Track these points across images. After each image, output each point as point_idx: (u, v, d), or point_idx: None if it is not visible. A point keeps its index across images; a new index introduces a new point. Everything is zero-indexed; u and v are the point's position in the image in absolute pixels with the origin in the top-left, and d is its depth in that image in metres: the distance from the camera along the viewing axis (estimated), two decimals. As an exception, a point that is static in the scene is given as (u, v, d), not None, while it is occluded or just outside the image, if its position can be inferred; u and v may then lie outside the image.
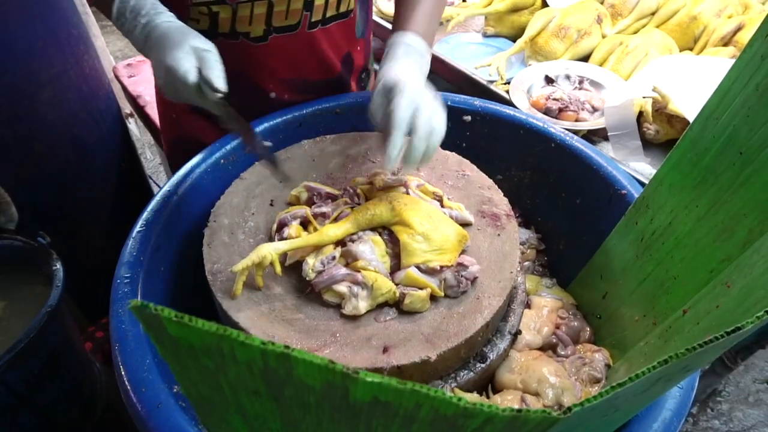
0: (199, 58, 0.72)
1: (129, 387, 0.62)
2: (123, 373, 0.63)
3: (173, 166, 0.89)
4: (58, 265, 0.86)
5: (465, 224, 0.83)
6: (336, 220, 0.78)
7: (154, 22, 0.75)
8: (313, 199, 0.84)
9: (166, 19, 0.76)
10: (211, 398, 0.31)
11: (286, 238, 0.76)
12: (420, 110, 0.73)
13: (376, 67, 0.87)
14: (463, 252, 0.78)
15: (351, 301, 0.70)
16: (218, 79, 0.72)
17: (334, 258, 0.73)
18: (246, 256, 0.77)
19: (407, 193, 0.82)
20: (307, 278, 0.72)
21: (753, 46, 0.60)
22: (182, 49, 0.71)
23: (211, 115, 0.87)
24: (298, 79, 1.04)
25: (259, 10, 0.92)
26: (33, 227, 0.92)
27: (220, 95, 0.73)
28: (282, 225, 0.79)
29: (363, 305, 0.70)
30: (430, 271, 0.73)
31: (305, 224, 0.79)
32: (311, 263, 0.72)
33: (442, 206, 0.83)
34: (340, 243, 0.75)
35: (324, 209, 0.80)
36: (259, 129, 0.99)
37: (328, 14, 0.99)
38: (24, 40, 1.02)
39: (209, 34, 0.87)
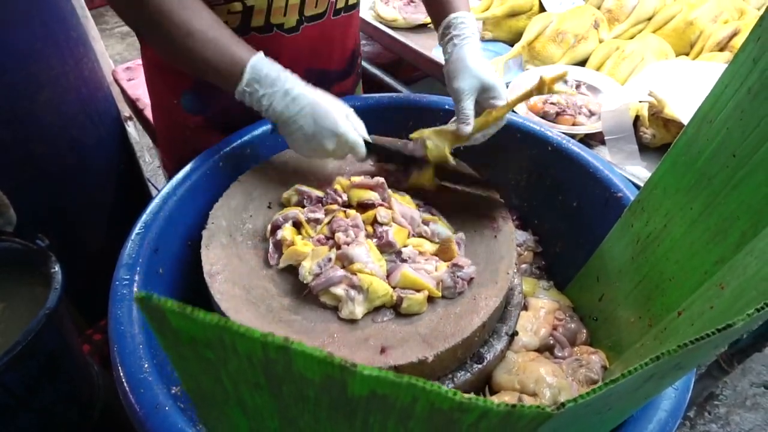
0: (347, 117, 0.83)
1: (127, 388, 0.62)
2: (121, 374, 0.63)
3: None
4: (57, 267, 0.86)
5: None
6: (328, 225, 0.79)
7: (298, 89, 0.79)
8: (303, 201, 0.84)
9: (304, 84, 0.81)
10: (212, 392, 0.32)
11: (280, 241, 0.76)
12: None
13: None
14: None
15: (347, 305, 0.70)
16: (367, 135, 0.86)
17: (330, 260, 0.73)
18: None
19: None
20: (304, 281, 0.72)
21: (745, 50, 0.61)
22: (342, 115, 0.81)
23: (233, 128, 0.99)
24: (315, 69, 1.05)
25: (294, 1, 0.93)
26: (31, 229, 0.93)
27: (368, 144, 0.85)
28: (275, 227, 0.79)
29: (359, 310, 0.70)
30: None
31: (297, 226, 0.80)
32: (307, 266, 0.72)
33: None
34: (336, 246, 0.76)
35: (318, 215, 0.80)
36: (257, 132, 0.99)
37: (350, 1, 1.03)
38: (23, 42, 1.03)
39: (240, 31, 0.89)
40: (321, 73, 1.07)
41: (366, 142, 0.85)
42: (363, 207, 0.82)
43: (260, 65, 0.79)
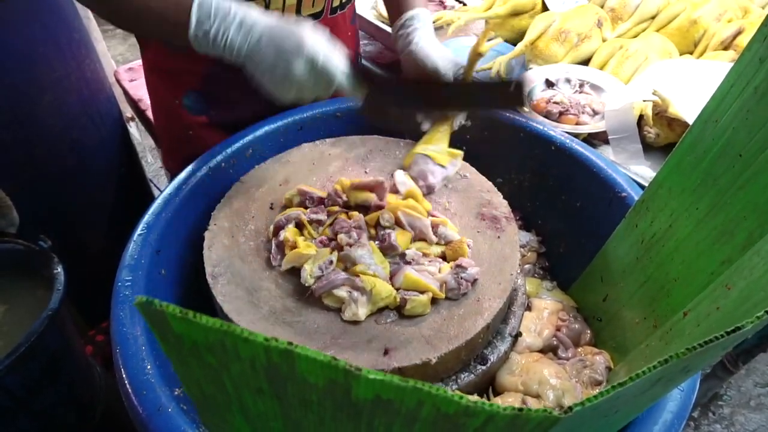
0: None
1: (130, 390, 0.62)
2: (124, 376, 0.63)
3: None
4: (59, 269, 0.86)
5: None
6: (331, 226, 0.78)
7: (252, 16, 0.71)
8: (305, 202, 0.84)
9: (260, 11, 0.73)
10: (214, 397, 0.31)
11: (282, 242, 0.76)
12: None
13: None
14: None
15: (350, 307, 0.70)
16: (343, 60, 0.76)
17: (331, 262, 0.73)
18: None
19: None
20: (306, 284, 0.72)
21: (752, 49, 0.61)
22: (310, 34, 0.71)
23: (232, 126, 0.98)
24: None
25: (291, 0, 0.93)
26: (34, 231, 0.93)
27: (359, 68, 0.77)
28: (278, 228, 0.79)
29: (362, 312, 0.70)
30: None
31: (300, 227, 0.79)
32: (309, 269, 0.72)
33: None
34: (338, 247, 0.75)
35: (320, 216, 0.80)
36: (259, 132, 0.99)
37: None
38: (25, 43, 1.03)
39: None
40: None
41: (355, 72, 0.77)
42: (365, 209, 0.82)
43: (206, 1, 0.71)
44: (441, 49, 0.95)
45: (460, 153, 0.94)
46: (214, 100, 1.06)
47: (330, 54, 0.73)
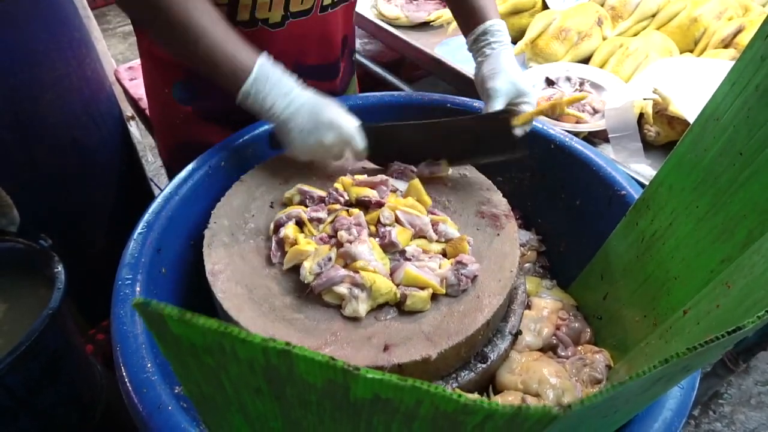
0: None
1: (130, 388, 0.62)
2: (124, 374, 0.63)
3: (172, 171, 0.91)
4: (60, 268, 0.86)
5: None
6: (331, 224, 0.78)
7: (296, 90, 0.82)
8: (305, 201, 0.84)
9: (302, 87, 0.83)
10: (213, 397, 0.31)
11: (282, 239, 0.76)
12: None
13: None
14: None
15: (351, 303, 0.70)
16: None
17: (330, 259, 0.73)
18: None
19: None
20: (306, 281, 0.72)
21: (753, 48, 0.60)
22: (340, 109, 0.83)
23: (220, 119, 1.00)
24: (304, 64, 1.06)
25: None
26: (34, 230, 0.93)
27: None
28: (278, 225, 0.79)
29: (363, 308, 0.70)
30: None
31: (300, 224, 0.79)
32: (308, 266, 0.72)
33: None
34: (338, 244, 0.75)
35: (320, 214, 0.80)
36: (259, 131, 0.99)
37: None
38: (26, 43, 1.03)
39: None
40: (308, 68, 1.06)
41: (365, 130, 0.86)
42: (365, 206, 0.82)
43: (266, 66, 0.81)
44: (506, 69, 0.92)
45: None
46: (198, 92, 1.08)
47: (352, 128, 0.84)
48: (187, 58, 0.86)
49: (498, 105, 0.90)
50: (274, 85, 0.80)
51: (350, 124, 0.84)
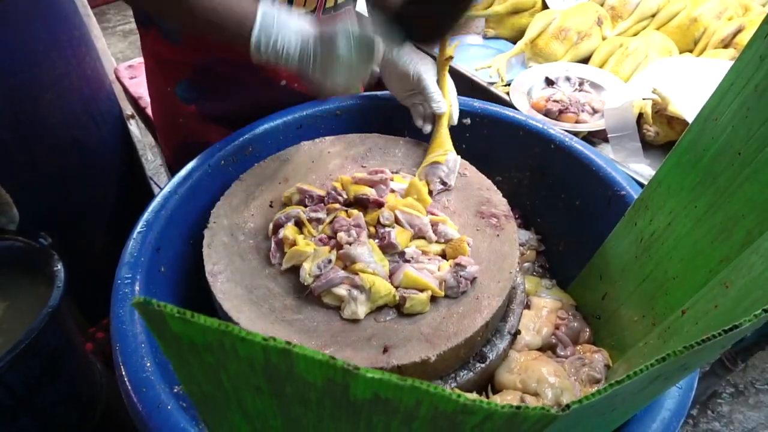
0: None
1: (129, 387, 0.62)
2: (124, 373, 0.63)
3: (175, 171, 0.91)
4: (60, 266, 0.86)
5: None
6: (330, 224, 0.79)
7: (301, 26, 0.78)
8: (305, 200, 0.84)
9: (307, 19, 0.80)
10: (213, 395, 0.32)
11: (282, 240, 0.76)
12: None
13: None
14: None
15: (350, 305, 0.70)
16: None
17: (330, 261, 0.73)
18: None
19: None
20: (305, 283, 0.72)
21: (752, 47, 0.61)
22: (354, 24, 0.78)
23: (223, 118, 0.99)
24: None
25: None
26: (34, 228, 0.93)
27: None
28: (277, 226, 0.79)
29: (362, 310, 0.70)
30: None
31: (299, 225, 0.79)
32: (308, 268, 0.72)
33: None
34: (337, 246, 0.75)
35: (320, 215, 0.80)
36: (258, 131, 0.99)
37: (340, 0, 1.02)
38: (26, 42, 1.03)
39: None
40: None
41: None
42: (363, 205, 0.82)
43: (270, 10, 0.78)
44: (418, 56, 0.95)
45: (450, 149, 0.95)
46: (204, 92, 1.08)
47: (361, 27, 0.78)
48: (187, 24, 0.85)
49: (435, 89, 0.93)
50: (281, 26, 0.78)
51: (354, 25, 0.78)
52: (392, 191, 0.86)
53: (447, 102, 0.96)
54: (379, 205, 0.81)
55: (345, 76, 0.81)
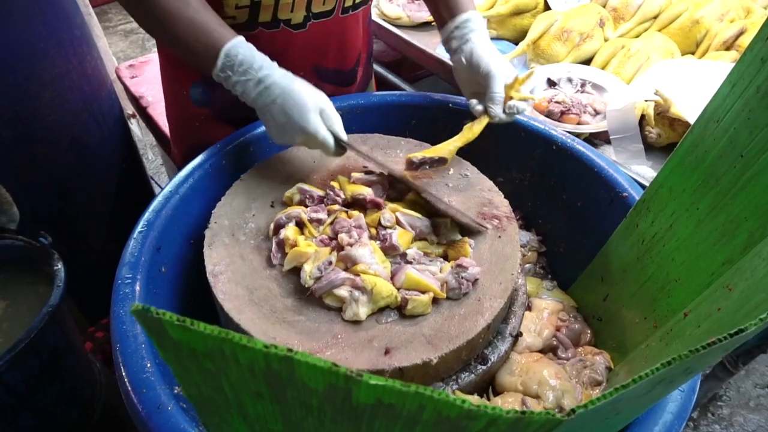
0: (321, 112, 0.81)
1: (129, 388, 0.62)
2: (124, 374, 0.63)
3: None
4: (60, 266, 0.86)
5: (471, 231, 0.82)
6: (331, 225, 0.78)
7: (272, 77, 0.80)
8: (305, 200, 0.84)
9: (281, 74, 0.81)
10: (213, 400, 0.31)
11: (283, 240, 0.76)
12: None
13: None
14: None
15: (351, 306, 0.70)
16: (342, 133, 0.84)
17: (330, 263, 0.72)
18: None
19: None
20: (306, 285, 0.71)
21: (754, 49, 0.60)
22: (312, 111, 0.80)
23: (239, 122, 1.00)
24: (322, 67, 1.06)
25: None
26: (34, 227, 0.93)
27: (342, 143, 0.84)
28: (278, 226, 0.79)
29: (363, 311, 0.70)
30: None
31: (300, 225, 0.79)
32: (308, 270, 0.72)
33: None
34: (338, 247, 0.75)
35: (320, 215, 0.80)
36: (259, 131, 0.99)
37: None
38: (27, 40, 1.02)
39: (247, 26, 0.92)
40: (327, 72, 1.06)
41: (338, 140, 0.84)
42: (361, 205, 0.82)
43: (234, 52, 0.79)
44: (497, 56, 0.95)
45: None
46: (217, 94, 1.07)
47: (323, 129, 0.81)
48: (161, 39, 0.87)
49: (499, 90, 0.91)
50: (243, 73, 0.79)
51: (322, 132, 0.81)
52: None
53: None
54: (376, 205, 0.81)
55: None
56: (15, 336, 0.77)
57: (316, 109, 0.81)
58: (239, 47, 0.79)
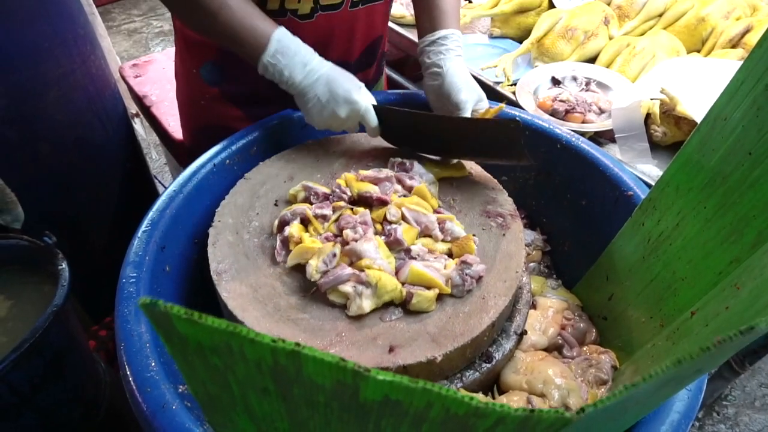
0: (360, 89, 0.90)
1: (134, 387, 0.61)
2: (128, 373, 0.63)
3: (194, 154, 0.93)
4: (64, 265, 0.86)
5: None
6: (336, 222, 0.78)
7: (314, 60, 0.87)
8: (310, 198, 0.84)
9: (319, 58, 0.88)
10: (219, 397, 0.31)
11: (287, 237, 0.76)
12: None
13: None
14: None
15: (355, 301, 0.69)
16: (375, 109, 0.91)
17: (335, 255, 0.72)
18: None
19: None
20: (312, 279, 0.71)
21: (762, 47, 0.60)
22: (354, 86, 0.88)
23: (245, 102, 1.06)
24: (328, 59, 1.05)
25: None
26: (39, 227, 0.92)
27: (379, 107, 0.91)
28: (283, 223, 0.79)
29: (367, 304, 0.69)
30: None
31: (305, 223, 0.79)
32: (314, 264, 0.71)
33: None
34: (343, 243, 0.75)
35: (325, 211, 0.79)
36: (263, 130, 0.99)
37: None
38: (31, 40, 1.02)
39: None
40: (334, 63, 1.06)
41: (378, 112, 0.90)
42: (367, 202, 0.82)
43: (284, 37, 0.85)
44: (468, 81, 0.96)
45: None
46: (228, 74, 1.09)
47: (366, 105, 0.89)
48: (207, 31, 0.90)
49: (467, 114, 0.94)
50: (293, 56, 0.85)
51: (365, 101, 0.88)
52: (396, 193, 0.85)
53: None
54: (383, 203, 0.80)
55: (334, 128, 0.92)
56: (19, 335, 0.77)
57: (357, 85, 0.89)
58: (286, 34, 0.86)
